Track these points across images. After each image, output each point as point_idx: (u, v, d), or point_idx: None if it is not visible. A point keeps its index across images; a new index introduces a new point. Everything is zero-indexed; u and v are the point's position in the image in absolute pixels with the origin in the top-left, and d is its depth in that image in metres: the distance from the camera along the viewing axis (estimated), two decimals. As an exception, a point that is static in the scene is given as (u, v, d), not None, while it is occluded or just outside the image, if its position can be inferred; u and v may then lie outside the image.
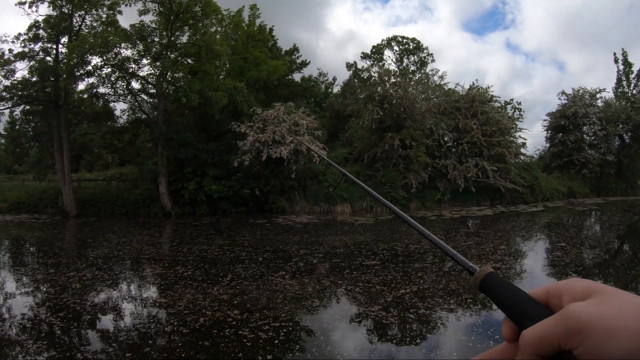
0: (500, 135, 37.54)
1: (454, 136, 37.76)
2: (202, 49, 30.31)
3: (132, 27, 30.43)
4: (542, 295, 0.73)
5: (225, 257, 15.84)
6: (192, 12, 29.63)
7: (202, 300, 10.23)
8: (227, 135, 32.79)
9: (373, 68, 43.40)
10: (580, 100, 45.76)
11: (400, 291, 10.89)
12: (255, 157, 30.27)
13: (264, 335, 8.04)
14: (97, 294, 11.25)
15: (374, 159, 35.86)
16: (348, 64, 59.95)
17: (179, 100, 31.39)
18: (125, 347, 7.81)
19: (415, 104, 34.77)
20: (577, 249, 17.02)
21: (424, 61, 59.79)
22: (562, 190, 42.26)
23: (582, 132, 45.68)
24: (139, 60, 31.76)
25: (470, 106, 38.44)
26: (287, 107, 33.27)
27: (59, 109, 30.90)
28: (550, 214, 31.61)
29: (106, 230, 25.05)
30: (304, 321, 9.07)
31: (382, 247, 17.46)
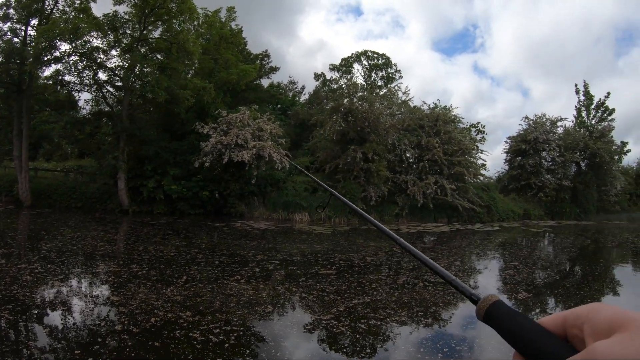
0: (461, 155, 38.20)
1: (415, 153, 38.19)
2: (174, 45, 30.15)
3: (105, 17, 30.06)
4: (558, 325, 0.69)
5: (181, 258, 15.73)
6: (167, 7, 29.40)
7: (155, 300, 10.16)
8: (190, 135, 32.59)
9: (341, 80, 43.47)
10: (542, 126, 47.07)
11: (353, 301, 10.97)
12: (216, 159, 30.17)
13: (214, 338, 8.02)
14: (48, 288, 11.08)
15: (335, 170, 35.95)
16: (316, 74, 60.16)
17: (145, 96, 31.12)
18: (74, 344, 7.71)
19: (380, 118, 35.15)
20: (529, 268, 17.36)
21: (391, 77, 60.25)
22: (517, 211, 43.01)
23: (541, 157, 46.99)
24: (108, 51, 31.38)
25: (433, 125, 38.98)
26: (253, 111, 33.21)
27: (21, 94, 30.31)
28: (505, 234, 32.14)
29: (61, 223, 24.66)
30: (255, 326, 9.08)
31: (338, 257, 17.53)
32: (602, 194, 51.47)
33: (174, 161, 31.63)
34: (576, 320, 0.65)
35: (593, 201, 50.03)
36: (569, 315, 0.67)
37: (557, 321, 0.69)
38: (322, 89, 54.64)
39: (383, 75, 60.44)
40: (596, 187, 50.13)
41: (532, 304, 11.89)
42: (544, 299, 12.85)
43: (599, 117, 54.54)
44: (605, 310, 0.62)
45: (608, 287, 15.14)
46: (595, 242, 29.97)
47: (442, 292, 12.33)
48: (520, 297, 12.25)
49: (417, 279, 14.00)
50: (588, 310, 0.64)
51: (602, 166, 49.11)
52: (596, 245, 28.25)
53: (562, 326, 0.68)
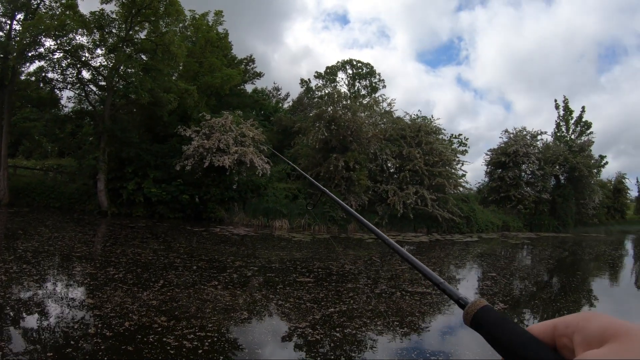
0: (442, 166, 38.59)
1: (397, 162, 38.37)
2: (159, 47, 30.01)
3: (92, 15, 29.84)
4: (547, 333, 0.67)
5: (159, 262, 15.65)
6: (155, 8, 29.28)
7: (131, 304, 10.11)
8: (172, 138, 32.45)
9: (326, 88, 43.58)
10: (522, 139, 47.78)
11: (329, 309, 11.00)
12: (197, 163, 30.07)
13: (188, 344, 8.02)
14: (23, 289, 10.99)
15: (316, 177, 35.94)
16: (302, 80, 60.25)
17: (128, 97, 30.97)
18: (47, 346, 7.66)
19: (363, 128, 35.26)
20: (506, 279, 17.58)
21: (375, 87, 60.51)
22: (497, 223, 43.46)
23: (520, 170, 47.91)
24: (93, 50, 31.08)
25: (415, 135, 39.34)
26: (236, 116, 33.18)
27: (3, 89, 29.96)
28: (484, 245, 32.36)
29: (38, 222, 24.43)
30: (230, 333, 9.09)
31: (317, 265, 17.55)
32: (580, 207, 52.20)
33: (155, 164, 31.43)
34: (566, 329, 0.65)
35: (571, 214, 50.62)
36: (559, 324, 0.66)
37: (546, 329, 0.68)
38: (306, 96, 54.79)
39: (367, 85, 60.76)
40: (575, 200, 50.83)
41: (509, 315, 11.97)
42: (520, 310, 13.00)
43: (579, 132, 55.38)
44: (598, 319, 0.61)
45: (584, 299, 15.41)
46: (572, 254, 30.37)
47: (419, 301, 12.42)
48: (496, 307, 12.29)
49: (395, 288, 14.07)
50: (579, 319, 0.64)
51: (581, 180, 49.89)
52: (574, 257, 28.65)
53: (552, 335, 0.67)
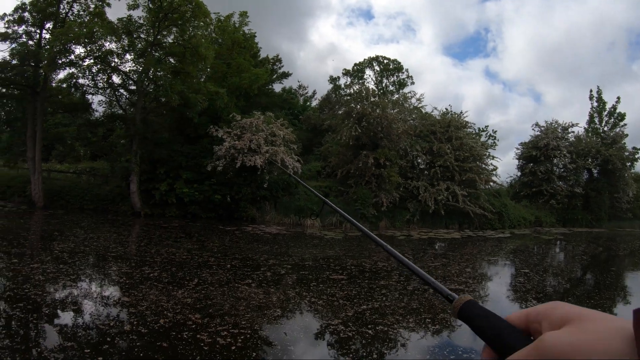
0: (472, 161, 38.22)
1: (427, 159, 38.23)
2: (187, 50, 30.23)
3: (120, 21, 30.25)
4: (522, 321, 0.75)
5: (193, 261, 15.76)
6: (181, 12, 29.50)
7: (166, 302, 10.19)
8: (203, 139, 32.62)
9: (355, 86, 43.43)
10: (553, 132, 47.01)
11: (362, 307, 10.95)
12: (229, 163, 30.18)
13: (221, 340, 8.04)
14: (60, 288, 11.15)
15: (347, 175, 35.98)
16: (331, 78, 60.14)
17: (158, 99, 31.26)
18: (83, 343, 7.74)
19: (393, 124, 35.02)
20: (539, 276, 17.30)
21: (403, 82, 60.10)
22: (529, 218, 42.96)
23: (552, 164, 47.06)
24: (123, 55, 31.47)
25: (445, 131, 39.00)
26: (267, 116, 33.27)
27: (36, 96, 30.57)
28: (517, 241, 31.97)
29: (73, 224, 24.79)
30: (263, 330, 9.06)
31: (350, 263, 17.53)
32: (614, 200, 50.92)
33: (187, 165, 31.64)
34: (537, 317, 0.72)
35: (605, 208, 49.61)
36: (531, 312, 0.74)
37: (521, 317, 0.75)
38: (333, 94, 54.71)
39: (394, 81, 60.35)
40: (608, 194, 49.62)
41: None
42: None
43: (612, 123, 54.16)
44: (562, 307, 0.69)
45: (619, 296, 15.02)
46: (607, 249, 29.82)
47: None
48: (530, 305, 12.15)
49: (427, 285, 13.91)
50: (547, 308, 0.71)
51: (614, 173, 48.54)
52: (608, 253, 28.11)
53: (526, 322, 0.74)
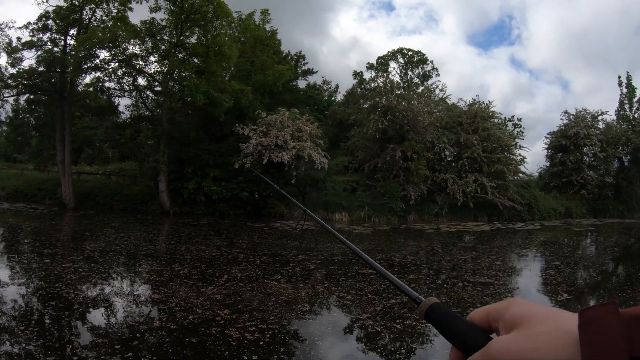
0: (500, 152, 37.65)
1: (454, 151, 37.77)
2: (211, 49, 30.36)
3: (142, 24, 30.52)
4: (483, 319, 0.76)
5: (222, 258, 15.88)
6: (203, 13, 29.64)
7: (195, 298, 10.27)
8: (230, 137, 32.75)
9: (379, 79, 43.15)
10: (582, 121, 45.75)
11: (390, 301, 10.90)
12: (256, 160, 30.22)
13: (249, 336, 8.08)
14: (91, 286, 11.30)
15: (374, 169, 35.87)
16: (355, 72, 60.00)
17: (184, 99, 31.47)
18: (113, 339, 7.84)
19: (419, 116, 34.80)
20: (570, 268, 17.02)
21: (427, 74, 59.59)
22: (559, 209, 42.26)
23: (582, 153, 45.74)
24: (147, 57, 31.79)
25: (472, 122, 38.49)
26: (292, 113, 33.28)
27: (63, 101, 31.05)
28: (547, 232, 31.53)
29: (104, 224, 25.12)
30: (291, 325, 9.09)
31: (379, 257, 17.47)
32: (646, 190, 49.48)
33: (214, 163, 31.81)
34: (496, 315, 0.72)
35: (637, 198, 48.57)
36: (491, 311, 0.73)
37: (481, 315, 0.76)
38: (359, 88, 54.54)
39: (419, 73, 59.90)
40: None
41: (573, 306, 11.58)
42: (584, 302, 12.48)
43: (643, 110, 52.90)
44: (515, 306, 0.68)
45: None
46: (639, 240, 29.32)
47: (481, 292, 12.18)
48: (560, 298, 11.97)
49: (457, 279, 13.86)
50: (503, 306, 0.71)
51: (646, 161, 47.02)
52: (640, 244, 27.65)
53: (487, 320, 0.74)
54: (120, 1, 30.64)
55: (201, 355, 7.29)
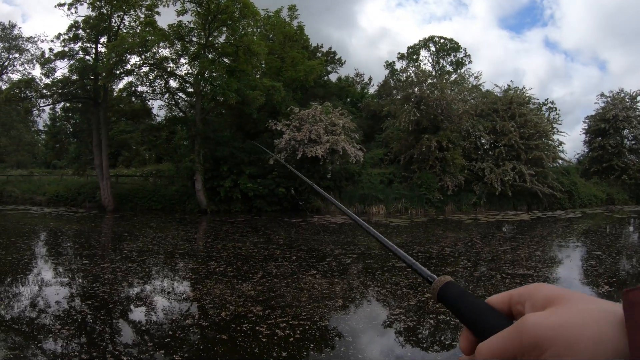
0: (538, 138, 36.81)
1: (491, 139, 37.17)
2: (240, 48, 30.54)
3: (171, 27, 30.93)
4: (504, 303, 0.71)
5: (259, 255, 15.92)
6: (230, 12, 29.81)
7: (230, 295, 10.31)
8: (263, 134, 32.91)
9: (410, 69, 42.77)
10: (620, 102, 44.59)
11: (425, 295, 10.72)
12: (290, 155, 30.31)
13: (280, 332, 8.07)
14: (128, 285, 11.47)
15: (410, 160, 35.63)
16: (387, 63, 59.72)
17: (216, 99, 31.69)
18: (146, 337, 7.97)
19: (453, 105, 34.45)
20: (612, 258, 16.50)
21: (460, 62, 58.87)
22: (600, 196, 41.31)
23: (622, 137, 44.68)
24: (177, 60, 32.23)
25: (507, 108, 37.66)
26: (325, 106, 33.25)
27: (98, 107, 31.74)
28: (588, 220, 30.84)
29: (142, 224, 25.51)
30: (323, 320, 8.98)
31: (417, 250, 17.33)
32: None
33: (249, 160, 32.05)
34: (520, 298, 0.68)
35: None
36: (514, 294, 0.70)
37: (503, 299, 0.71)
38: (391, 79, 54.19)
39: (452, 61, 59.25)
40: (686, 165, 46.46)
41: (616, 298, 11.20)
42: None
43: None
44: (545, 288, 0.66)
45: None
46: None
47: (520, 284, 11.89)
48: (601, 290, 11.65)
49: (495, 271, 13.60)
50: (530, 289, 0.68)
51: (691, 142, 45.24)
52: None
53: (508, 304, 0.70)
54: (147, 6, 31.10)
55: (231, 352, 7.29)
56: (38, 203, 35.82)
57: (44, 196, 36.26)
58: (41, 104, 32.30)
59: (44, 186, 38.03)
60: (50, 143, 42.72)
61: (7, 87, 33.04)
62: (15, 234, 21.26)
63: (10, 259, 14.79)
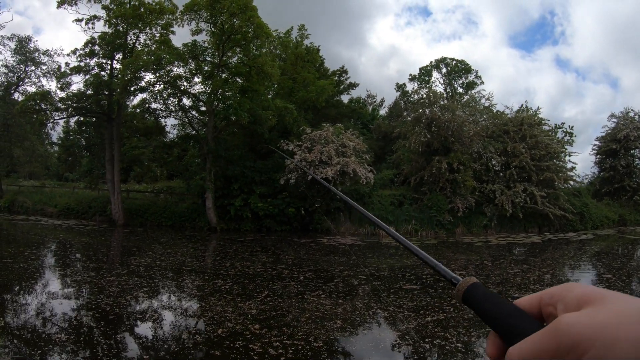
0: (549, 159, 36.58)
1: (502, 160, 36.90)
2: (253, 69, 30.81)
3: (185, 46, 31.39)
4: (534, 305, 0.69)
5: (266, 274, 16.00)
6: (244, 33, 30.14)
7: (231, 313, 10.39)
8: (275, 154, 32.99)
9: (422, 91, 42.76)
10: (631, 122, 44.21)
11: (426, 318, 10.72)
12: (301, 176, 30.31)
13: (272, 351, 8.12)
14: (131, 299, 11.62)
15: (420, 182, 35.54)
16: (398, 85, 59.94)
17: (228, 118, 31.91)
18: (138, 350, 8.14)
19: (464, 127, 34.42)
20: (622, 281, 16.42)
21: (472, 83, 58.88)
22: (612, 217, 41.02)
23: (633, 157, 44.39)
24: (191, 78, 32.60)
25: (518, 129, 37.49)
26: (337, 127, 33.30)
27: (111, 122, 32.06)
28: (600, 242, 30.63)
29: (152, 240, 25.71)
30: (316, 341, 8.97)
31: (426, 272, 17.24)
32: None
33: (260, 180, 32.13)
34: (551, 299, 0.66)
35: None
36: (544, 295, 0.67)
37: (532, 301, 0.69)
38: (402, 100, 54.31)
39: (463, 82, 59.36)
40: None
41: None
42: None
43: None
44: (578, 288, 0.63)
45: None
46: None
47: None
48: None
49: (502, 295, 13.52)
50: (562, 289, 0.65)
51: (703, 161, 44.68)
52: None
53: (538, 306, 0.68)
54: (162, 25, 31.49)
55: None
56: (49, 214, 36.23)
57: (55, 208, 36.67)
58: (55, 117, 32.65)
59: (56, 198, 38.48)
60: (63, 156, 43.26)
61: (23, 99, 33.45)
62: (24, 243, 21.59)
63: (18, 267, 15.09)
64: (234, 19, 29.89)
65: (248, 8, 29.37)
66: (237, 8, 28.97)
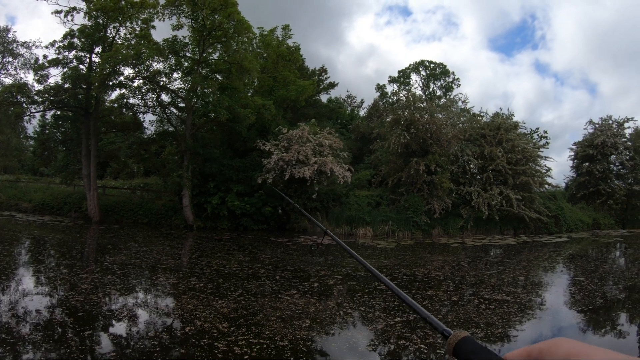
0: (525, 163, 37.04)
1: (479, 163, 37.28)
2: (233, 65, 30.71)
3: (165, 42, 31.19)
4: None
5: (242, 273, 15.93)
6: (224, 29, 30.00)
7: (202, 311, 10.37)
8: (252, 152, 32.91)
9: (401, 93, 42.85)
10: (608, 129, 44.88)
11: (396, 319, 10.74)
12: (278, 175, 30.25)
13: (237, 349, 8.10)
14: (102, 296, 11.53)
15: (398, 183, 35.69)
16: (378, 86, 60.09)
17: (207, 115, 31.76)
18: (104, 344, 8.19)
19: (442, 129, 34.61)
20: (594, 284, 16.52)
21: (450, 86, 59.43)
22: (586, 221, 41.61)
23: (609, 162, 45.09)
24: (170, 74, 32.39)
25: (495, 133, 38.01)
26: (312, 126, 33.30)
27: (88, 116, 31.66)
28: (575, 245, 31.03)
29: (128, 238, 25.45)
30: (282, 340, 8.94)
31: (403, 272, 17.31)
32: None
33: (237, 178, 32.05)
34: (539, 354, 0.67)
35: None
36: (533, 350, 0.69)
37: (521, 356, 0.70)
38: (381, 101, 54.44)
39: (442, 85, 59.77)
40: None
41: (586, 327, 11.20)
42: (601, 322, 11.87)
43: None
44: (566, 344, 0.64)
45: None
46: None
47: (492, 310, 11.87)
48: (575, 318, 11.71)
49: (474, 296, 13.61)
50: (550, 345, 0.67)
51: (676, 168, 45.41)
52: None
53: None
54: (143, 20, 31.24)
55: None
56: (23, 210, 35.89)
57: (29, 203, 36.30)
58: (32, 110, 32.10)
59: (30, 193, 38.05)
60: (38, 150, 42.70)
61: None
62: (-2, 239, 21.29)
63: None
64: (215, 15, 29.82)
65: (228, 4, 29.30)
66: (218, 3, 28.93)
